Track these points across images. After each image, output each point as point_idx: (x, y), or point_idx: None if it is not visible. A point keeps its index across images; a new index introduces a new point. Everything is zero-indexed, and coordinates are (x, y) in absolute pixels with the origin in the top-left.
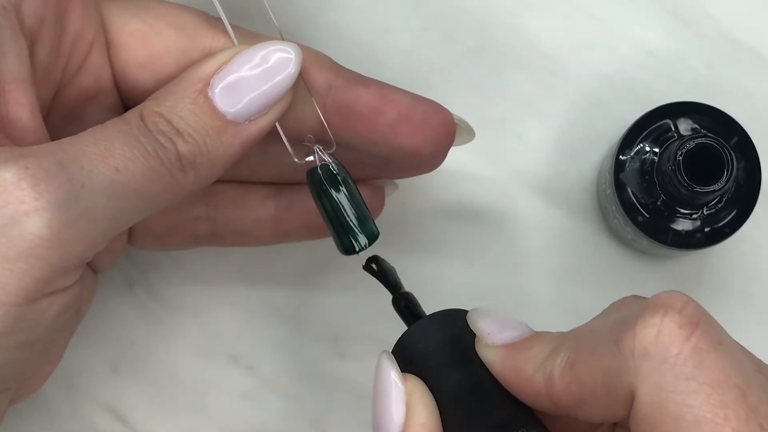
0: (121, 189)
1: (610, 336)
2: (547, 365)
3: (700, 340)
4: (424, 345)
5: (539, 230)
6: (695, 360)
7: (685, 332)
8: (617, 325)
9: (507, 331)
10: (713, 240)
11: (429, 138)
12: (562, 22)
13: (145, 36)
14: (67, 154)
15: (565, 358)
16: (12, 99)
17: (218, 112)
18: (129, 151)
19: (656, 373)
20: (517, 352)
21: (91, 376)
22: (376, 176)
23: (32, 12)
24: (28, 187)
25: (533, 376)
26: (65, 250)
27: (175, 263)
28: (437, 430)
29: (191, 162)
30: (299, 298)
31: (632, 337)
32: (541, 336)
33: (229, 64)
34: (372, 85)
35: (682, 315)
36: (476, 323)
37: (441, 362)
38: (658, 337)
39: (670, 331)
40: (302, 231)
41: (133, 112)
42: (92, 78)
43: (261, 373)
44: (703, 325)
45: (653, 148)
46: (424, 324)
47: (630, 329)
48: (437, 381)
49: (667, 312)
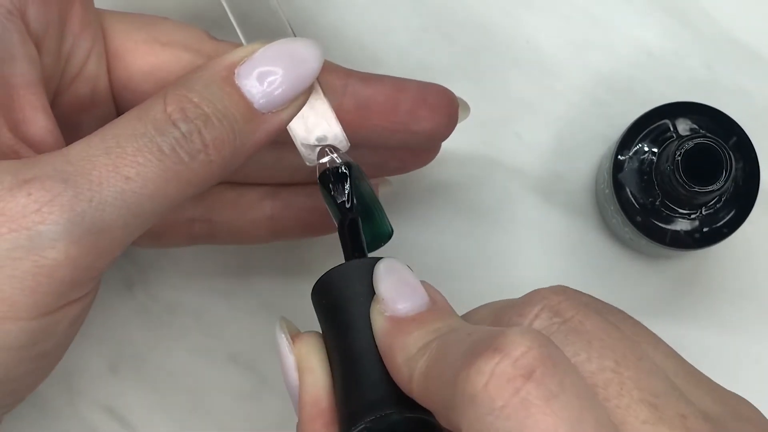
0: (134, 197)
1: (455, 366)
2: (413, 362)
3: (530, 394)
4: (338, 292)
5: (537, 230)
6: (521, 415)
7: (515, 384)
8: (465, 355)
9: (402, 301)
10: (712, 240)
11: (443, 118)
12: (561, 22)
13: (150, 46)
14: (75, 168)
15: (426, 364)
16: (27, 103)
17: (246, 99)
18: (141, 156)
19: (480, 423)
20: (398, 332)
21: (90, 376)
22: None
23: (37, 17)
24: (32, 213)
25: (400, 367)
26: (75, 266)
27: (174, 263)
28: (322, 397)
29: (218, 149)
30: (298, 298)
31: (465, 379)
32: (426, 319)
33: (253, 56)
34: (383, 78)
35: (516, 365)
36: (377, 283)
37: (347, 317)
38: (486, 386)
39: (500, 381)
40: (298, 230)
41: (155, 100)
42: (89, 87)
43: (260, 372)
44: (539, 376)
45: (652, 148)
46: (349, 268)
47: (465, 370)
48: (340, 336)
49: (503, 359)
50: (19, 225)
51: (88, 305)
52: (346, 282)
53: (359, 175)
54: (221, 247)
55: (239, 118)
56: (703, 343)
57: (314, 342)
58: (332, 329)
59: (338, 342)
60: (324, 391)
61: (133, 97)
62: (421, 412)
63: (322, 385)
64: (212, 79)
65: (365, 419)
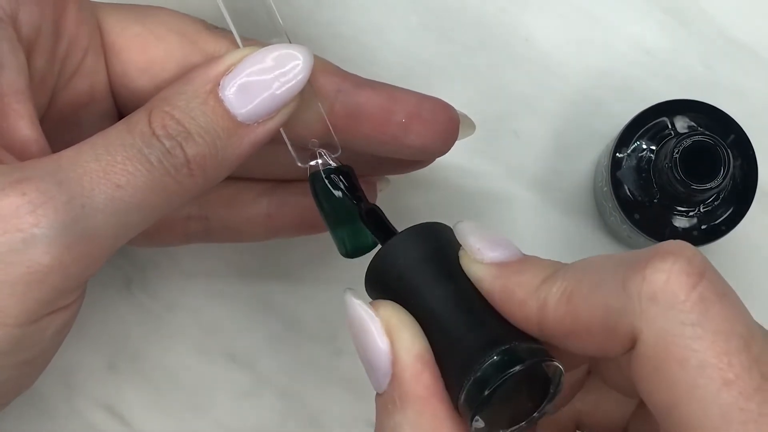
0: (123, 206)
1: (615, 276)
2: (542, 293)
3: (707, 290)
4: (403, 262)
5: (536, 227)
6: (701, 308)
7: (693, 281)
8: (623, 266)
9: (498, 249)
10: (710, 237)
11: (438, 134)
12: (558, 20)
13: (146, 40)
14: (67, 173)
15: (562, 288)
16: (12, 111)
17: (229, 113)
18: (131, 165)
19: (663, 318)
20: (509, 273)
21: (88, 374)
22: (369, 174)
23: (29, 21)
24: (26, 213)
25: (525, 301)
26: (66, 273)
27: (172, 262)
28: (424, 350)
29: (200, 165)
30: (296, 296)
31: (641, 280)
32: (535, 261)
33: (239, 66)
34: (379, 86)
35: (691, 264)
36: (466, 238)
37: (422, 280)
38: (666, 283)
39: (679, 278)
40: (295, 227)
41: (140, 114)
42: (87, 83)
43: (258, 370)
44: (709, 276)
45: (650, 145)
46: (400, 240)
47: (639, 272)
48: (420, 300)
49: (677, 260)
50: (14, 226)
51: (74, 314)
52: (411, 248)
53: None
54: (220, 245)
55: (222, 133)
56: None
57: (394, 305)
58: (415, 292)
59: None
60: (424, 346)
61: (131, 92)
62: (541, 343)
63: (421, 341)
64: (195, 94)
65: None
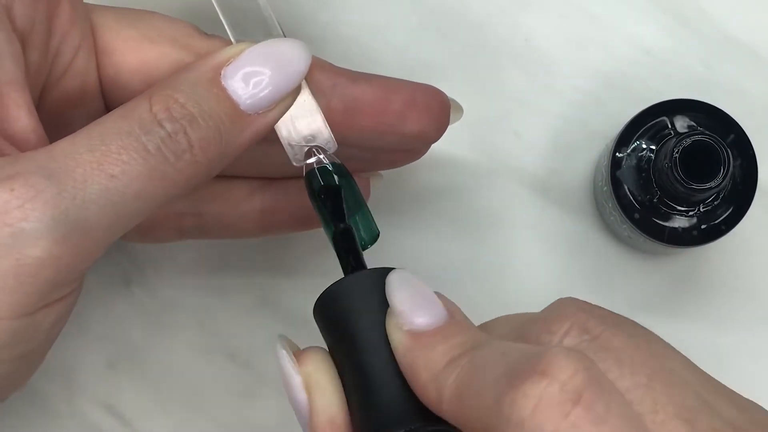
0: (118, 196)
1: (496, 387)
2: (441, 380)
3: (579, 418)
4: (348, 307)
5: (535, 227)
6: None
7: (565, 409)
8: (504, 378)
9: (420, 314)
10: (710, 237)
11: (432, 120)
12: (558, 20)
13: (139, 42)
14: (59, 164)
15: (457, 382)
16: (10, 101)
17: (233, 100)
18: (126, 154)
19: None
20: (421, 347)
21: (88, 373)
22: (362, 169)
23: (23, 13)
24: (14, 208)
25: (426, 386)
26: (59, 266)
27: (172, 261)
28: (337, 414)
29: (204, 149)
30: (296, 295)
31: (510, 403)
32: (452, 332)
33: (239, 57)
34: (373, 78)
35: (565, 388)
36: (392, 295)
37: (358, 332)
38: (534, 411)
39: (549, 405)
40: (289, 224)
41: (140, 100)
42: (77, 83)
43: (258, 370)
44: (587, 400)
45: (650, 145)
46: (353, 283)
47: (511, 392)
48: (351, 351)
49: (551, 383)
50: (2, 221)
51: (70, 306)
52: (354, 296)
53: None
54: (219, 244)
55: (225, 119)
56: (701, 340)
57: (321, 358)
58: (342, 345)
59: (351, 358)
60: (338, 409)
61: (122, 94)
62: (447, 426)
63: (336, 404)
64: (198, 80)
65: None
